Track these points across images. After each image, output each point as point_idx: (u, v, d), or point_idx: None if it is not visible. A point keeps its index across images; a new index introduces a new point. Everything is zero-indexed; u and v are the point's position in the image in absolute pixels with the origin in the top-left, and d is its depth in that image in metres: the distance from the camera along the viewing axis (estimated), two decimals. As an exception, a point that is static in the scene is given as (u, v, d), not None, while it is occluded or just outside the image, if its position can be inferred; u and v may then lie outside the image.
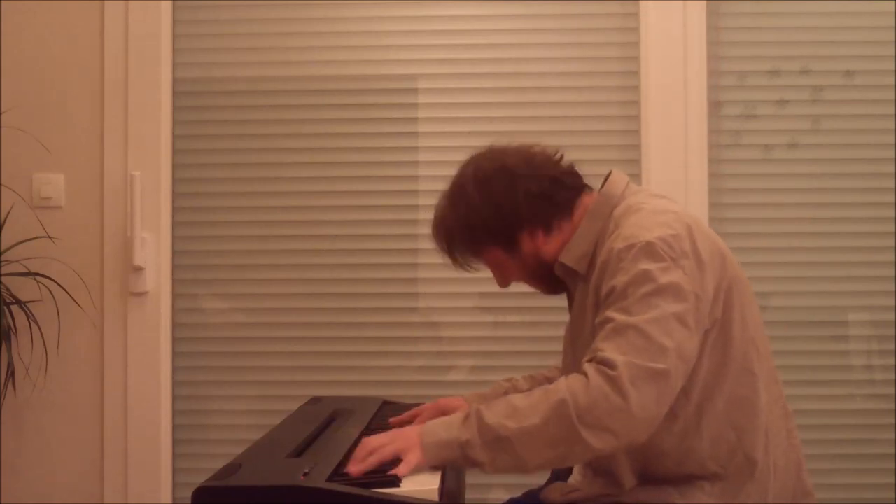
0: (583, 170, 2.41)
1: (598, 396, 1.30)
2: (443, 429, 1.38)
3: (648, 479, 1.46)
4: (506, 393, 1.80)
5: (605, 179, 1.59)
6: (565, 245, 1.55)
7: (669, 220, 1.44)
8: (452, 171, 2.42)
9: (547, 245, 1.56)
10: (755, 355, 1.47)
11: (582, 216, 1.55)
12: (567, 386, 1.33)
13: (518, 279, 1.64)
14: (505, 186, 1.55)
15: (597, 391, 1.31)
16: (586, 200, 1.57)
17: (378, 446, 1.38)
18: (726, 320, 1.44)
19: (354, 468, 1.36)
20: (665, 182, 2.31)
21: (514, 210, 1.54)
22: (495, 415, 1.36)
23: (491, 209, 1.55)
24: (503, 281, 1.65)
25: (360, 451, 1.40)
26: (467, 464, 1.37)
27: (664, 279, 1.36)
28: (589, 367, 1.34)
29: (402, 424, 1.73)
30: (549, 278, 1.61)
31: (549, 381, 1.80)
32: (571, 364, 1.58)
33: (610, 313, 1.37)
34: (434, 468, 1.36)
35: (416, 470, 1.35)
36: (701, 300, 1.40)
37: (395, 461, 1.36)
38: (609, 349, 1.33)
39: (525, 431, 1.33)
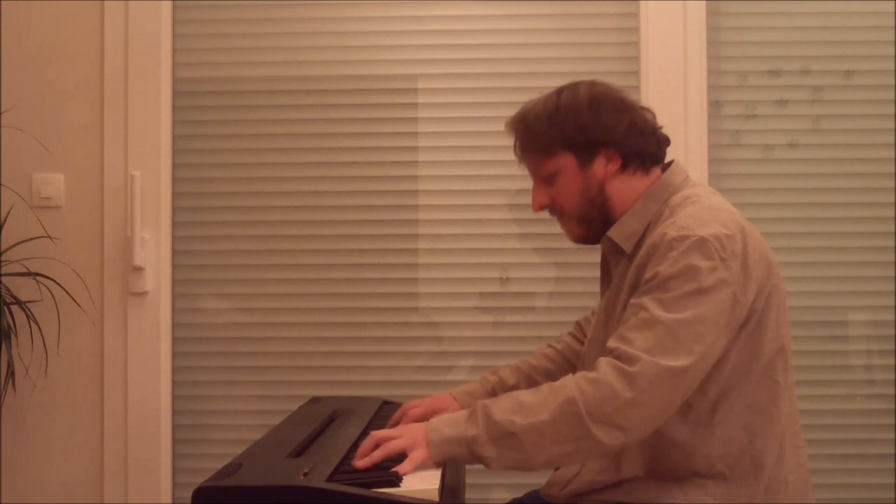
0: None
1: (608, 393, 1.32)
2: (448, 425, 1.39)
3: (654, 470, 1.46)
4: (493, 387, 1.80)
5: (666, 167, 1.60)
6: (624, 201, 1.55)
7: (725, 218, 1.46)
8: (452, 171, 2.45)
9: (613, 182, 1.56)
10: (781, 365, 1.48)
11: (640, 195, 1.56)
12: (576, 382, 1.35)
13: (563, 203, 1.59)
14: (614, 106, 1.56)
15: (606, 388, 1.33)
16: (655, 176, 1.58)
17: (384, 439, 1.40)
18: (761, 326, 1.45)
19: (360, 462, 1.38)
20: (665, 182, 2.31)
21: (610, 126, 1.54)
22: (502, 411, 1.36)
23: (590, 114, 1.54)
24: (544, 199, 1.60)
25: (366, 444, 1.41)
26: (473, 460, 1.38)
27: (709, 280, 1.37)
28: (602, 363, 1.36)
29: (394, 425, 1.74)
30: (590, 223, 1.58)
31: (536, 370, 1.81)
32: (602, 339, 1.57)
33: (646, 300, 1.38)
34: (438, 465, 1.38)
35: (421, 467, 1.36)
36: (739, 303, 1.41)
37: (401, 456, 1.37)
38: (636, 342, 1.35)
39: (533, 427, 1.34)
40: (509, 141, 2.40)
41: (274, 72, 2.47)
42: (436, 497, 1.29)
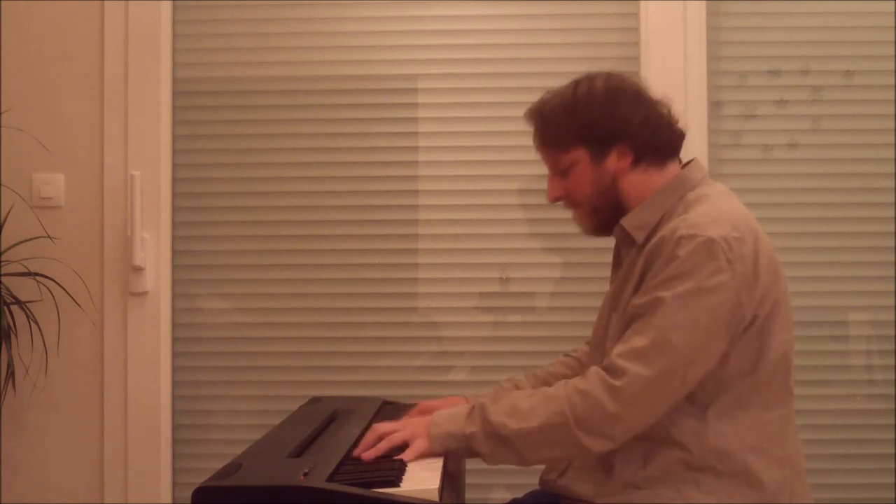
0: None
1: (594, 406, 1.39)
2: (449, 421, 1.48)
3: (648, 461, 1.47)
4: None
5: (686, 164, 1.61)
6: (636, 195, 1.56)
7: (737, 220, 1.46)
8: (452, 171, 2.45)
9: (626, 177, 1.56)
10: (782, 371, 1.49)
11: (656, 188, 1.56)
12: (566, 393, 1.42)
13: (577, 195, 1.60)
14: (629, 100, 1.57)
15: (592, 401, 1.39)
16: (671, 171, 1.58)
17: (388, 432, 1.49)
18: (766, 331, 1.45)
19: (365, 453, 1.46)
20: (665, 182, 2.30)
21: (624, 121, 1.55)
22: (498, 412, 1.45)
23: (604, 110, 1.55)
24: (559, 191, 1.61)
25: (369, 437, 1.50)
26: (470, 454, 1.47)
27: (710, 282, 1.39)
28: (592, 373, 1.42)
29: None
30: (602, 215, 1.60)
31: (553, 376, 1.82)
32: (607, 325, 1.59)
33: (649, 299, 1.41)
34: (438, 455, 1.46)
35: (422, 456, 1.45)
36: (742, 306, 1.42)
37: (403, 448, 1.46)
38: (633, 342, 1.39)
39: (524, 433, 1.42)
40: (508, 141, 2.42)
41: (274, 72, 2.47)
42: (436, 497, 1.29)
